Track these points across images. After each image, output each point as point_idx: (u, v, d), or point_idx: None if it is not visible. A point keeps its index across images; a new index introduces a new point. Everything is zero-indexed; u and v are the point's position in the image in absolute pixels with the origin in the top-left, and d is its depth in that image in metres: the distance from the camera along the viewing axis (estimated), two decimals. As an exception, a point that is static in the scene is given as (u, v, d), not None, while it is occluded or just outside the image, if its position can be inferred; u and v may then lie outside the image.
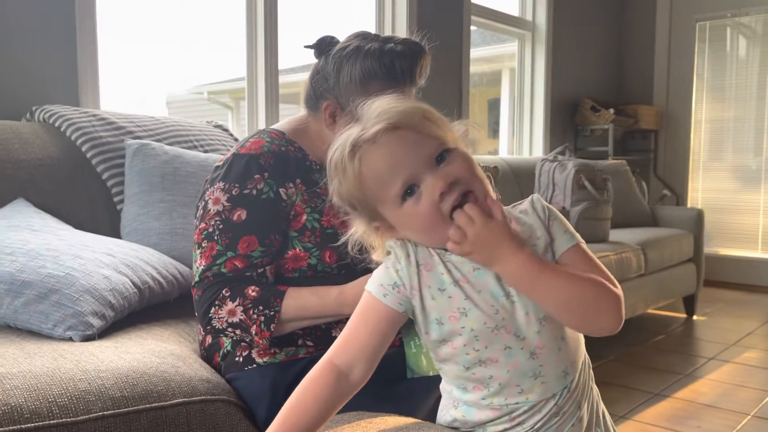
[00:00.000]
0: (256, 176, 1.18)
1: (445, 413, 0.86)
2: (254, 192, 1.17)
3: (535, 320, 0.79)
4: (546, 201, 3.48)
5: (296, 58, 2.94)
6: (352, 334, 0.83)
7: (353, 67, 1.19)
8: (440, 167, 0.78)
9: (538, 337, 0.79)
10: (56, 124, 1.81)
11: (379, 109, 0.81)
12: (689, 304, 3.81)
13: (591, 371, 0.88)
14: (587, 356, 0.87)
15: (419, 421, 0.90)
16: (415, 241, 0.83)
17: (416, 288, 0.81)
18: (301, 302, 1.12)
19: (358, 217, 0.84)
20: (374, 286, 0.83)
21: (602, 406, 0.89)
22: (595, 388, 0.88)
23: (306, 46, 1.28)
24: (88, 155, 1.76)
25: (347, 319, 0.85)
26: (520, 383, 0.79)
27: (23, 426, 0.87)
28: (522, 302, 0.79)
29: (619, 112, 4.56)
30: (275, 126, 1.33)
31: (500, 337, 0.78)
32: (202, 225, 1.18)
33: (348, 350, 0.82)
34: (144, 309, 1.40)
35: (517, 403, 0.80)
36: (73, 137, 1.77)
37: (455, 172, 0.77)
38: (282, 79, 2.79)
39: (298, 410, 0.80)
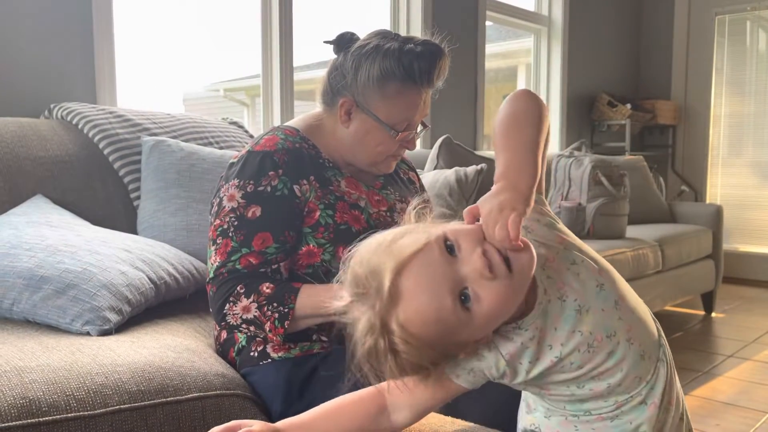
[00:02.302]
0: (271, 173, 1.18)
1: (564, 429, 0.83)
2: (269, 189, 1.17)
3: (612, 309, 0.78)
4: (562, 197, 3.44)
5: (311, 55, 2.95)
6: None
7: (372, 66, 1.19)
8: (455, 256, 0.71)
9: (623, 323, 0.78)
10: (74, 122, 1.82)
11: (367, 266, 0.72)
12: (708, 301, 3.77)
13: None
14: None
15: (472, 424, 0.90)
16: None
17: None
18: (315, 299, 1.12)
19: (436, 369, 0.77)
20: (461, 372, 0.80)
21: None
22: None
23: (326, 42, 1.28)
24: (105, 152, 1.78)
25: None
26: (635, 374, 0.78)
27: (41, 419, 0.88)
28: (591, 304, 0.77)
29: (637, 107, 4.52)
30: (290, 123, 1.34)
31: (600, 351, 0.77)
32: (217, 222, 1.19)
33: (403, 394, 0.80)
34: (160, 304, 1.41)
35: (640, 389, 0.79)
36: (90, 134, 1.79)
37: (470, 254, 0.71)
38: (297, 76, 2.80)
39: (328, 418, 0.81)
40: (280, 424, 0.82)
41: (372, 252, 0.73)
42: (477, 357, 0.78)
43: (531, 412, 0.86)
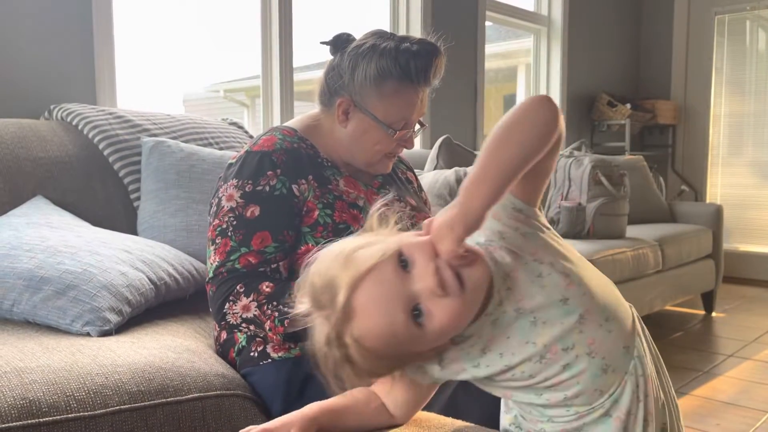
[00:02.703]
0: (269, 173, 1.19)
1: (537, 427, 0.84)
2: (267, 188, 1.18)
3: (573, 323, 0.76)
4: (562, 197, 3.43)
5: (311, 55, 2.95)
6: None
7: (368, 66, 1.20)
8: (409, 271, 0.72)
9: (585, 336, 0.77)
10: (74, 123, 1.83)
11: (323, 277, 0.73)
12: (708, 300, 3.77)
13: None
14: (633, 308, 0.86)
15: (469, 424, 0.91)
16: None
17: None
18: None
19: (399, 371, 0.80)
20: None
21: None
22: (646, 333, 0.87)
23: (322, 43, 1.29)
24: (105, 153, 1.78)
25: None
26: (595, 387, 0.78)
27: (41, 419, 0.89)
28: (550, 317, 0.77)
29: (637, 107, 4.52)
30: (288, 123, 1.34)
31: (553, 363, 0.77)
32: (216, 221, 1.19)
33: (383, 394, 0.87)
34: (160, 305, 1.42)
35: (603, 402, 0.78)
36: (90, 135, 1.79)
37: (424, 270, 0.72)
38: (297, 76, 2.80)
39: (347, 404, 0.86)
40: (308, 410, 0.84)
41: (330, 262, 0.73)
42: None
43: (509, 412, 0.88)
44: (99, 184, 1.74)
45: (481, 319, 0.77)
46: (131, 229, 1.72)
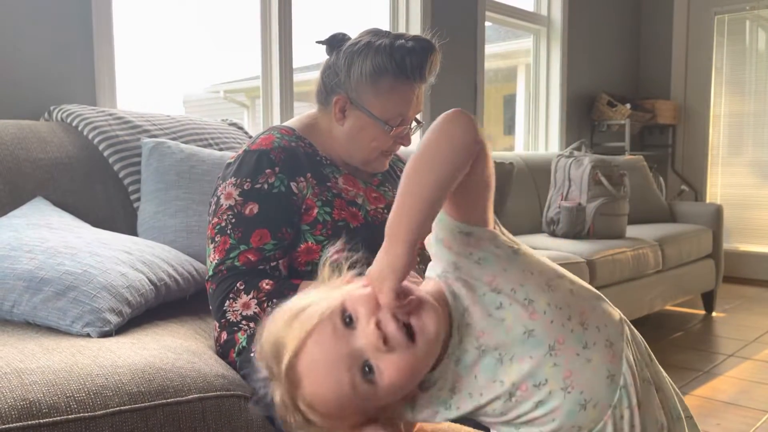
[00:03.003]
0: (267, 171, 1.19)
1: None
2: (265, 186, 1.18)
3: (543, 356, 0.71)
4: (562, 197, 3.45)
5: (311, 56, 2.95)
6: None
7: (364, 63, 1.21)
8: (354, 327, 0.70)
9: (559, 369, 0.71)
10: (74, 124, 1.83)
11: (271, 342, 0.72)
12: (708, 300, 3.77)
13: (630, 330, 0.78)
14: (622, 317, 0.78)
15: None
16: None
17: None
18: None
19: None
20: None
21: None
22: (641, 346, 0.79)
23: (318, 42, 1.29)
24: (105, 154, 1.78)
25: None
26: (573, 423, 0.72)
27: (41, 420, 0.88)
28: (516, 352, 0.72)
29: (636, 107, 4.52)
30: (286, 123, 1.35)
31: (525, 400, 0.72)
32: (215, 220, 1.19)
33: None
34: (160, 306, 1.41)
35: None
36: (90, 136, 1.79)
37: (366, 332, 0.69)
38: (297, 77, 2.81)
39: None
40: None
41: (278, 325, 0.72)
42: None
43: None
44: (99, 185, 1.74)
45: (444, 361, 0.73)
46: (131, 230, 1.72)
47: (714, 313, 3.76)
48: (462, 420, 0.94)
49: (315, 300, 0.72)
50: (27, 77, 1.97)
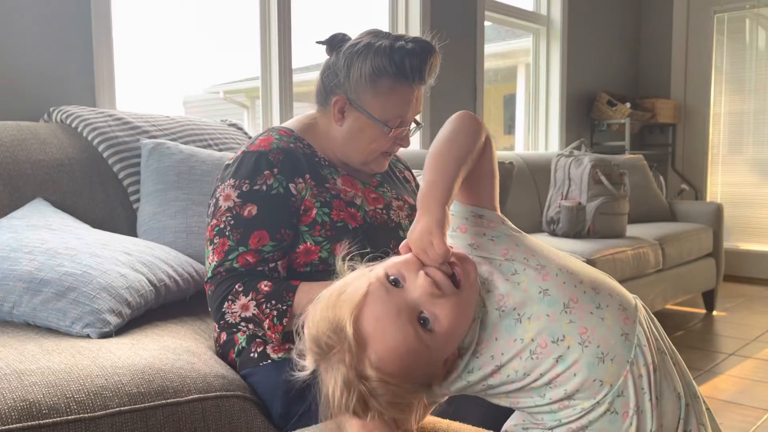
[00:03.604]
0: (266, 172, 1.19)
1: None
2: (264, 187, 1.18)
3: (559, 313, 0.77)
4: (562, 196, 3.43)
5: (310, 56, 2.95)
6: None
7: (363, 64, 1.21)
8: (402, 287, 0.75)
9: (575, 325, 0.77)
10: (73, 125, 1.83)
11: (321, 324, 0.75)
12: (709, 299, 3.77)
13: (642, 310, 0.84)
14: (638, 299, 0.84)
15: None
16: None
17: None
18: (314, 296, 1.11)
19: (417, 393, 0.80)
20: None
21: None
22: (653, 322, 0.85)
23: (318, 42, 1.29)
24: (105, 155, 1.78)
25: None
26: (594, 377, 0.76)
27: (41, 421, 0.89)
28: (533, 311, 0.78)
29: (636, 106, 4.52)
30: (285, 123, 1.35)
31: (545, 357, 0.77)
32: (214, 221, 1.19)
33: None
34: (160, 307, 1.42)
35: (606, 395, 0.77)
36: (89, 137, 1.79)
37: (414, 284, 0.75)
38: (296, 77, 2.81)
39: None
40: None
41: (321, 311, 0.75)
42: None
43: (514, 419, 0.87)
44: (98, 186, 1.74)
45: (472, 325, 0.79)
46: (131, 230, 1.72)
47: (714, 312, 3.76)
48: (463, 420, 0.95)
49: (349, 282, 0.77)
50: (26, 78, 1.97)
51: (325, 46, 1.28)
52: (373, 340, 0.72)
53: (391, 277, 0.76)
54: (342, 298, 0.74)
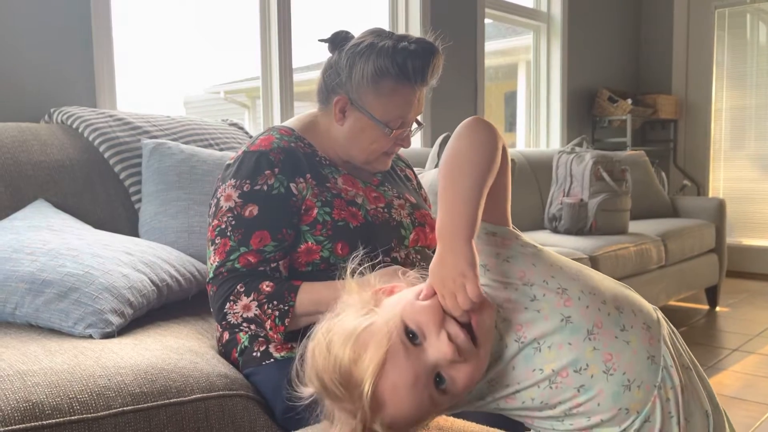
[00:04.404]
0: (267, 172, 1.19)
1: None
2: (265, 187, 1.18)
3: (582, 341, 0.73)
4: (564, 193, 3.44)
5: (311, 55, 2.95)
6: None
7: (366, 64, 1.20)
8: (420, 344, 0.72)
9: (599, 353, 0.73)
10: (74, 126, 1.83)
11: (334, 370, 0.72)
12: (712, 295, 3.76)
13: (665, 324, 0.80)
14: (658, 311, 0.80)
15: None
16: None
17: None
18: (315, 296, 1.12)
19: None
20: None
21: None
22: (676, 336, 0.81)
23: (320, 40, 1.29)
24: (106, 155, 1.78)
25: None
26: (620, 405, 0.73)
27: (44, 422, 0.89)
28: (554, 340, 0.74)
29: (637, 102, 4.51)
30: (286, 123, 1.34)
31: (566, 387, 0.73)
32: (215, 222, 1.19)
33: None
34: (162, 306, 1.42)
35: (632, 421, 0.73)
36: (90, 138, 1.79)
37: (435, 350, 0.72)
38: (297, 77, 2.80)
39: None
40: None
41: (334, 350, 0.71)
42: None
43: None
44: (100, 187, 1.74)
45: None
46: (132, 231, 1.72)
47: (718, 308, 3.75)
48: (465, 416, 0.94)
49: (366, 320, 0.73)
50: (27, 79, 1.97)
51: (327, 44, 1.28)
52: (389, 406, 0.71)
53: (409, 330, 0.72)
54: (357, 347, 0.70)
